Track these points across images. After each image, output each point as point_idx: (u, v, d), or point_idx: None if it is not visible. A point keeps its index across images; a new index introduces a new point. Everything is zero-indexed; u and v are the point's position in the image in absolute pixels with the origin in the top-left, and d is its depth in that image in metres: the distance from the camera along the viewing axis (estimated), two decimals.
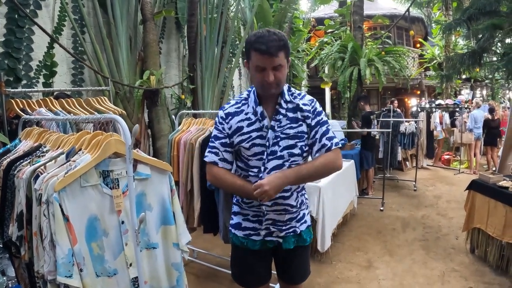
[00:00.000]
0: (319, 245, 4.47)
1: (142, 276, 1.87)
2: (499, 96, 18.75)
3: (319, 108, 2.12)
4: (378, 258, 4.66)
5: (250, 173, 2.05)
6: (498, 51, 5.75)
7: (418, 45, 19.27)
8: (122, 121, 1.72)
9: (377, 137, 9.18)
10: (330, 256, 4.66)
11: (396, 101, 9.90)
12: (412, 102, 17.73)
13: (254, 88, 2.07)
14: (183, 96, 6.71)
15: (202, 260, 4.39)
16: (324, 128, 2.08)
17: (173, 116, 4.51)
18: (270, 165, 2.01)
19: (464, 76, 15.84)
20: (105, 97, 3.93)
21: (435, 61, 17.50)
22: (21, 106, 3.17)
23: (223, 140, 2.06)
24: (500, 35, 5.32)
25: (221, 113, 2.09)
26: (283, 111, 2.03)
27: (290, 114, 2.05)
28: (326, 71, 11.92)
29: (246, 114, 2.03)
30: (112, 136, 1.87)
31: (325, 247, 4.52)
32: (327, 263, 4.52)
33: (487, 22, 5.07)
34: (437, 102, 11.92)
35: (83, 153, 1.88)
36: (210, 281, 4.04)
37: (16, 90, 3.93)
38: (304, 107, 2.07)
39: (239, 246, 2.21)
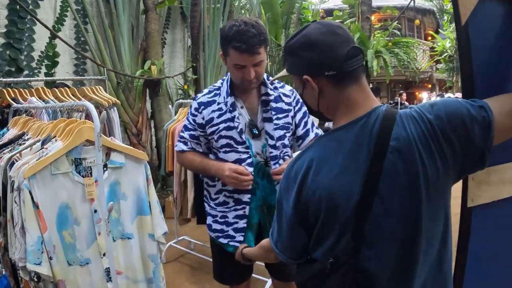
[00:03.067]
0: None
1: (113, 266, 1.85)
2: None
3: (300, 98, 2.10)
4: None
5: None
6: None
7: (429, 38, 18.98)
8: (93, 107, 1.69)
9: None
10: None
11: (404, 94, 9.82)
12: (423, 96, 17.50)
13: (228, 77, 2.00)
14: (186, 86, 6.68)
15: (198, 252, 4.34)
16: (310, 118, 2.12)
17: (170, 106, 4.49)
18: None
19: None
20: (100, 87, 3.91)
21: (445, 54, 17.17)
22: (13, 95, 3.17)
23: (192, 132, 2.02)
24: None
25: (194, 103, 2.03)
26: (272, 103, 1.99)
27: (275, 104, 2.00)
28: None
29: (218, 104, 1.96)
30: (84, 123, 1.85)
31: None
32: None
33: None
34: (447, 95, 11.75)
35: (56, 140, 1.86)
36: (204, 273, 4.00)
37: (18, 79, 3.94)
38: (286, 99, 2.05)
39: (217, 243, 2.15)
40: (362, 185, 1.06)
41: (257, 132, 1.96)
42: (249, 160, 1.93)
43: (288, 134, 2.04)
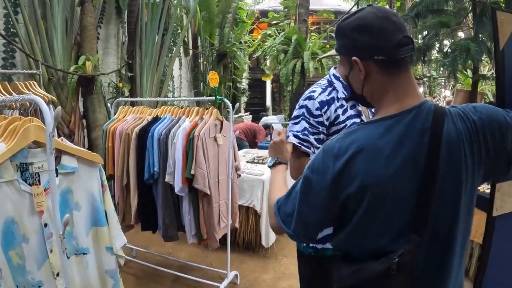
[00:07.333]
0: (264, 240, 4.34)
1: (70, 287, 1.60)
2: (435, 94, 19.59)
3: None
4: None
5: None
6: (444, 49, 5.90)
7: None
8: (42, 102, 1.43)
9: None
10: (275, 251, 4.54)
11: None
12: None
13: (333, 73, 1.88)
14: (120, 84, 6.34)
15: (141, 259, 4.11)
16: None
17: (109, 105, 4.20)
18: None
19: None
20: (34, 82, 3.56)
21: None
22: None
23: (317, 136, 1.80)
24: (444, 33, 5.43)
25: (313, 103, 1.79)
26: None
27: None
28: (268, 64, 11.85)
29: (338, 100, 1.82)
30: (31, 121, 1.58)
31: (270, 242, 4.40)
32: (272, 258, 4.39)
33: (434, 19, 5.15)
34: None
35: None
36: (151, 281, 3.79)
37: None
38: None
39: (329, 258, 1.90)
40: (421, 179, 1.07)
41: None
42: None
43: None
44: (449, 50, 5.15)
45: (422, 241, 1.08)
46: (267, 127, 7.94)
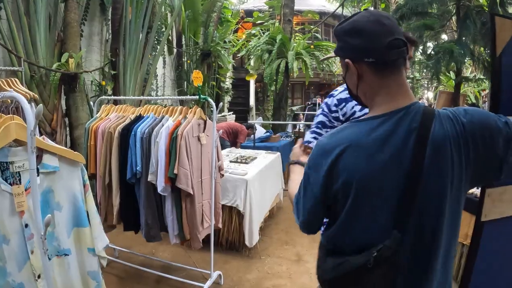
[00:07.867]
0: (247, 240, 4.33)
1: None
2: (418, 96, 19.82)
3: None
4: (307, 251, 4.58)
5: None
6: (427, 51, 5.97)
7: None
8: (24, 100, 1.40)
9: (301, 130, 9.28)
10: (258, 251, 4.53)
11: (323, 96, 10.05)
12: None
13: None
14: (103, 82, 6.25)
15: (123, 259, 4.07)
16: None
17: (91, 103, 4.14)
18: None
19: None
20: (16, 79, 3.48)
21: None
22: None
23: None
24: (428, 35, 5.50)
25: (332, 100, 1.99)
26: None
27: None
28: (252, 64, 11.85)
29: None
30: (13, 119, 1.55)
31: (253, 242, 4.39)
32: (256, 258, 4.38)
33: (419, 22, 5.21)
34: None
35: None
36: (134, 282, 3.74)
37: None
38: None
39: None
40: (406, 178, 1.10)
41: None
42: None
43: None
44: (432, 52, 5.21)
45: (406, 238, 1.10)
46: (250, 127, 7.96)
